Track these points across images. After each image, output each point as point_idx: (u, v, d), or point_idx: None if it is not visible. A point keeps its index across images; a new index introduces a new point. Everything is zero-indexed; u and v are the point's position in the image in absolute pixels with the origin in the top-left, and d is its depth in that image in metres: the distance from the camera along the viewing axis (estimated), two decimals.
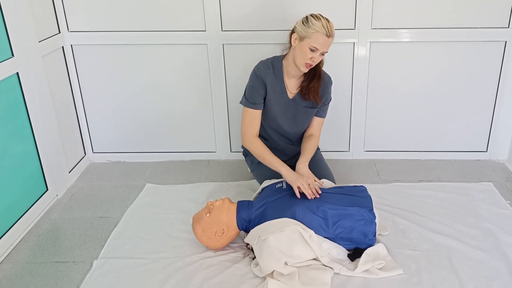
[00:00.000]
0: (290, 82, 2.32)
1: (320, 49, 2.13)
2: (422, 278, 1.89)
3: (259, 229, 1.96)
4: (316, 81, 2.29)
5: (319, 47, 2.12)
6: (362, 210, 1.99)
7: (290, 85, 2.32)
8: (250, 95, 2.31)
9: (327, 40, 2.13)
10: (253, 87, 2.29)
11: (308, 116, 2.38)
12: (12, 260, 2.14)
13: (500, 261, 1.97)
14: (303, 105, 2.34)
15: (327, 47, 2.15)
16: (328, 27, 2.11)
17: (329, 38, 2.13)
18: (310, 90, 2.29)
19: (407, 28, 2.66)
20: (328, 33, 2.11)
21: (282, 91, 2.31)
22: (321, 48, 2.13)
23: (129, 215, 2.40)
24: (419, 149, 2.95)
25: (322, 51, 2.14)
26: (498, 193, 2.50)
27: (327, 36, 2.11)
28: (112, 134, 3.00)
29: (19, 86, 2.34)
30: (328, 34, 2.12)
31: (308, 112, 2.37)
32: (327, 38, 2.12)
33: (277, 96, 2.31)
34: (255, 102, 2.30)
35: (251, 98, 2.30)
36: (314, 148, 2.37)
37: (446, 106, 2.84)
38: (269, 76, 2.28)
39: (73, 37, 2.74)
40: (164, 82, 2.85)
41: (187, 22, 2.69)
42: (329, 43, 2.14)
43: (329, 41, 2.14)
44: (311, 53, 2.14)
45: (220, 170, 2.89)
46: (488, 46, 2.68)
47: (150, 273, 1.97)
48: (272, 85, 2.29)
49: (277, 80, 2.29)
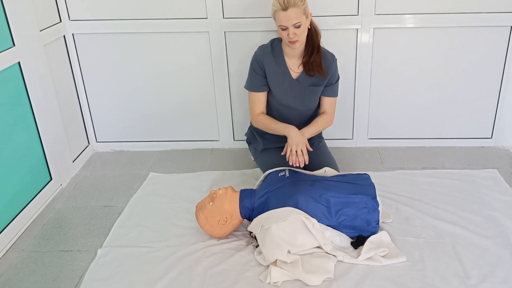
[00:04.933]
0: (292, 62, 2.30)
1: (287, 25, 2.08)
2: (426, 265, 1.89)
3: (262, 218, 1.96)
4: (316, 55, 2.25)
5: (284, 24, 2.09)
6: (365, 198, 1.98)
7: (292, 65, 2.30)
8: (251, 79, 2.34)
9: (287, 14, 2.07)
10: (253, 70, 2.32)
11: (313, 95, 2.35)
12: (18, 249, 2.15)
13: (504, 248, 1.97)
14: (308, 84, 2.31)
15: (292, 20, 2.08)
16: (284, 0, 2.05)
17: (287, 11, 2.06)
18: (313, 64, 2.25)
19: (411, 14, 2.62)
20: (284, 6, 2.06)
21: (284, 72, 2.29)
22: (286, 23, 2.08)
23: (133, 204, 2.41)
24: (423, 136, 2.93)
25: (291, 26, 2.08)
26: (503, 180, 2.48)
27: (283, 10, 2.06)
28: (115, 123, 3.00)
29: (20, 76, 2.34)
30: (284, 8, 2.06)
31: (313, 91, 2.33)
32: (285, 13, 2.06)
33: (280, 78, 2.30)
34: (256, 86, 2.32)
35: (252, 82, 2.34)
36: (323, 122, 2.36)
37: (450, 93, 2.81)
38: (267, 58, 2.27)
39: (74, 26, 2.73)
40: (166, 71, 2.84)
41: (189, 9, 2.67)
42: (291, 16, 2.07)
43: (288, 14, 2.06)
44: (284, 31, 2.12)
45: (223, 159, 2.89)
46: (493, 32, 2.64)
47: (154, 262, 1.98)
48: (272, 67, 2.28)
49: (278, 62, 2.28)
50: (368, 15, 2.63)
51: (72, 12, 2.70)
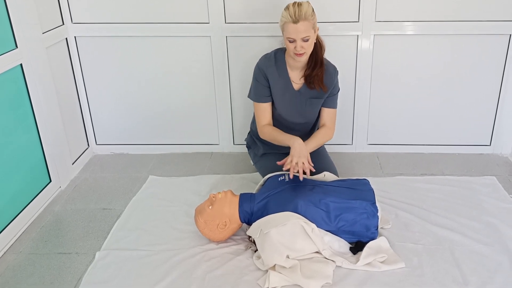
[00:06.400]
0: (294, 74, 2.29)
1: (295, 38, 2.07)
2: (425, 271, 1.89)
3: (261, 223, 1.96)
4: (319, 69, 2.24)
5: (293, 36, 2.07)
6: (364, 203, 1.99)
7: (294, 77, 2.30)
8: (255, 90, 2.33)
9: (297, 27, 2.05)
10: (256, 80, 2.31)
11: (314, 107, 2.35)
12: (16, 251, 2.15)
13: (503, 254, 1.97)
14: (309, 96, 2.31)
15: (301, 33, 2.06)
16: (295, 13, 2.03)
17: (297, 24, 2.04)
18: (314, 78, 2.24)
19: (411, 21, 2.64)
20: (294, 19, 2.04)
21: (286, 83, 2.29)
22: (295, 36, 2.06)
23: (132, 207, 2.40)
24: (423, 143, 2.94)
25: (300, 39, 2.07)
26: (501, 187, 2.49)
27: (294, 22, 2.04)
28: (115, 126, 3.00)
29: (22, 78, 2.34)
30: (294, 21, 2.04)
31: (313, 103, 2.33)
32: (295, 25, 2.04)
33: (282, 89, 2.29)
34: (260, 96, 2.31)
35: (257, 93, 2.32)
36: (323, 136, 2.34)
37: (449, 100, 2.82)
38: (270, 69, 2.26)
39: (76, 28, 2.74)
40: (168, 74, 2.85)
41: (191, 14, 2.68)
42: (301, 29, 2.06)
43: (298, 27, 2.05)
44: (291, 43, 2.10)
45: (223, 163, 2.89)
46: (493, 40, 2.66)
47: (153, 265, 1.97)
48: (275, 78, 2.27)
49: (281, 73, 2.28)
50: (369, 22, 2.64)
51: (75, 15, 2.71)
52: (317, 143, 2.30)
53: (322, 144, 2.38)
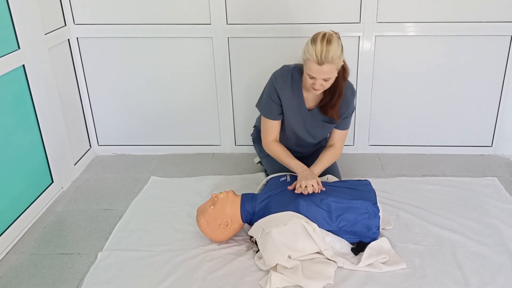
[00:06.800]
0: (309, 95, 2.17)
1: (316, 77, 1.93)
2: (426, 272, 1.89)
3: (263, 222, 1.96)
4: (337, 99, 2.09)
5: (314, 75, 1.93)
6: (366, 203, 1.99)
7: (309, 98, 2.18)
8: (266, 106, 2.21)
9: (320, 69, 1.89)
10: (270, 98, 2.19)
11: (325, 130, 2.28)
12: (18, 252, 2.16)
13: (504, 255, 1.97)
14: (321, 119, 2.21)
15: (323, 74, 1.91)
16: (322, 53, 1.86)
17: (322, 66, 1.88)
18: (329, 108, 2.12)
19: (412, 22, 2.64)
20: (320, 60, 1.87)
21: (300, 104, 2.18)
22: (317, 75, 1.92)
23: (133, 208, 2.41)
24: (424, 144, 2.94)
25: (321, 79, 1.93)
26: (502, 188, 2.49)
27: (318, 64, 1.88)
28: (117, 127, 3.01)
29: (25, 79, 2.35)
30: (319, 62, 1.88)
31: (326, 126, 2.25)
32: (319, 67, 1.89)
33: (294, 109, 2.19)
34: (271, 113, 2.21)
35: (268, 109, 2.21)
36: (331, 158, 2.26)
37: (451, 101, 2.82)
38: (285, 90, 2.14)
39: (79, 30, 2.75)
40: (169, 75, 2.85)
41: (192, 15, 2.69)
42: (324, 71, 1.90)
43: (323, 69, 1.89)
44: (310, 79, 1.97)
45: (225, 163, 2.89)
46: (494, 40, 2.66)
47: (154, 266, 1.98)
48: (289, 99, 2.16)
49: (295, 93, 2.15)
50: (370, 23, 2.64)
51: (77, 16, 2.72)
52: (324, 166, 2.23)
53: (329, 165, 2.28)
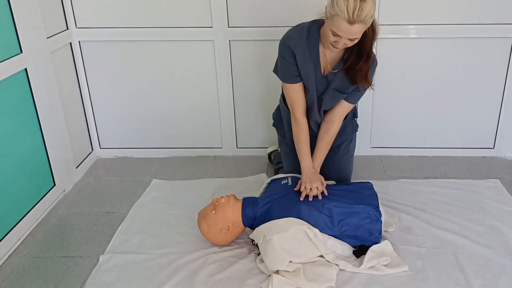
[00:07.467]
0: (328, 54, 1.96)
1: (342, 36, 1.78)
2: (428, 274, 1.89)
3: (264, 229, 1.95)
4: (365, 63, 1.91)
5: (340, 33, 1.77)
6: (368, 208, 1.98)
7: (327, 58, 1.97)
8: (282, 68, 2.06)
9: (350, 28, 1.74)
10: (283, 58, 2.02)
11: (335, 99, 2.10)
12: (20, 255, 2.16)
13: (507, 258, 1.97)
14: (334, 86, 2.03)
15: (351, 35, 1.76)
16: (354, 11, 1.70)
17: (352, 25, 1.73)
18: (357, 72, 1.92)
19: (414, 24, 2.64)
20: (351, 19, 1.71)
21: (315, 65, 1.98)
22: (343, 35, 1.77)
23: (135, 211, 2.41)
24: (426, 146, 2.94)
25: (346, 38, 1.79)
26: (505, 190, 2.48)
27: (348, 22, 1.72)
28: (119, 130, 3.02)
29: (27, 82, 2.36)
30: (350, 20, 1.71)
31: (336, 96, 2.07)
32: (349, 26, 1.73)
33: (308, 71, 2.00)
34: (289, 76, 2.04)
35: (285, 73, 2.06)
36: (329, 141, 2.17)
37: (453, 103, 2.82)
38: (300, 46, 1.95)
39: (81, 33, 2.76)
40: (171, 78, 2.86)
41: (194, 18, 2.69)
42: (354, 31, 1.75)
43: (352, 29, 1.74)
44: (334, 37, 1.81)
45: (226, 166, 2.90)
46: (496, 42, 2.66)
47: (156, 268, 1.98)
48: (304, 57, 1.96)
49: (312, 52, 1.96)
50: None
51: (79, 19, 2.73)
52: (323, 155, 2.18)
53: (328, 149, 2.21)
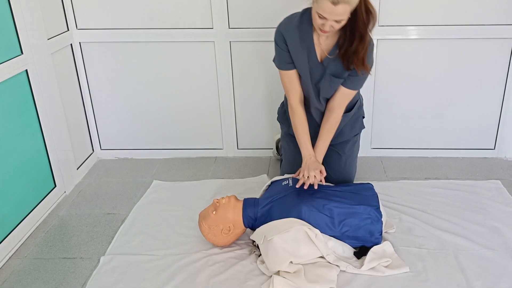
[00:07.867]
0: (323, 40, 1.95)
1: (328, 17, 1.76)
2: (429, 276, 1.89)
3: (265, 229, 1.95)
4: (359, 44, 1.85)
5: (325, 15, 1.76)
6: (368, 208, 1.98)
7: (322, 44, 1.96)
8: (277, 56, 2.10)
9: (334, 9, 1.72)
10: (276, 44, 2.06)
11: (332, 85, 2.06)
12: (20, 256, 2.16)
13: (508, 259, 1.96)
14: (330, 72, 2.00)
15: (336, 15, 1.74)
16: None
17: (337, 5, 1.72)
18: (353, 55, 1.88)
19: (414, 25, 2.64)
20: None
21: (309, 51, 1.98)
22: (328, 16, 1.75)
23: (136, 212, 2.41)
24: (426, 147, 2.94)
25: (332, 20, 1.77)
26: (506, 191, 2.48)
27: (332, 3, 1.71)
28: (120, 131, 3.02)
29: (27, 83, 2.36)
30: (334, 1, 1.71)
31: (332, 81, 2.03)
32: (333, 6, 1.72)
33: (302, 57, 1.99)
34: (283, 62, 2.07)
35: (278, 59, 2.09)
36: (332, 129, 2.14)
37: (453, 104, 2.82)
38: (291, 33, 1.95)
39: (81, 34, 2.76)
40: (172, 79, 2.86)
41: (195, 19, 2.70)
42: (338, 12, 1.73)
43: (336, 9, 1.72)
44: (320, 19, 1.80)
45: (227, 167, 2.90)
46: (496, 43, 2.66)
47: (157, 270, 1.98)
48: (295, 42, 1.97)
49: (304, 38, 1.95)
50: None
51: (80, 21, 2.73)
52: (327, 143, 2.17)
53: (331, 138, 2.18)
